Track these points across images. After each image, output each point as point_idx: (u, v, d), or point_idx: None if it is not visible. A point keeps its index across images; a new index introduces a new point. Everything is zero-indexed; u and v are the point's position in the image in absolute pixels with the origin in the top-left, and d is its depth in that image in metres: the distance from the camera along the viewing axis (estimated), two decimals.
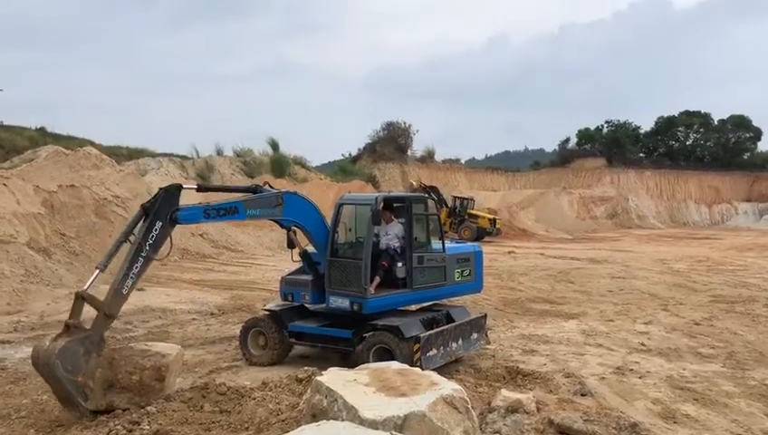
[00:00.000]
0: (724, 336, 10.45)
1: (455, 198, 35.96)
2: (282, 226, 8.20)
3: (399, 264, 8.19)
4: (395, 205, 8.55)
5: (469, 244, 9.63)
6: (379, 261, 8.12)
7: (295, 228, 8.23)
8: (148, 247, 6.57)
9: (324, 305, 8.29)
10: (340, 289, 7.98)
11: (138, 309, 11.57)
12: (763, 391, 7.54)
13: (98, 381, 6.09)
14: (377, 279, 8.03)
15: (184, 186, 7.17)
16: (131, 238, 6.58)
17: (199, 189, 7.92)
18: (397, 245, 8.32)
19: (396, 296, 8.18)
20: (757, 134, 66.69)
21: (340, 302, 7.98)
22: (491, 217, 35.98)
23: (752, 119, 66.73)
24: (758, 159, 66.79)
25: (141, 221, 6.65)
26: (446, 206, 34.68)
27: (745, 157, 66.69)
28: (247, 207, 7.46)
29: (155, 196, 6.84)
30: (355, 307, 7.81)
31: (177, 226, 7.08)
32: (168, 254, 7.06)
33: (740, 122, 66.28)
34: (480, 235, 33.24)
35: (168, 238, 6.83)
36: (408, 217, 8.25)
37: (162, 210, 6.71)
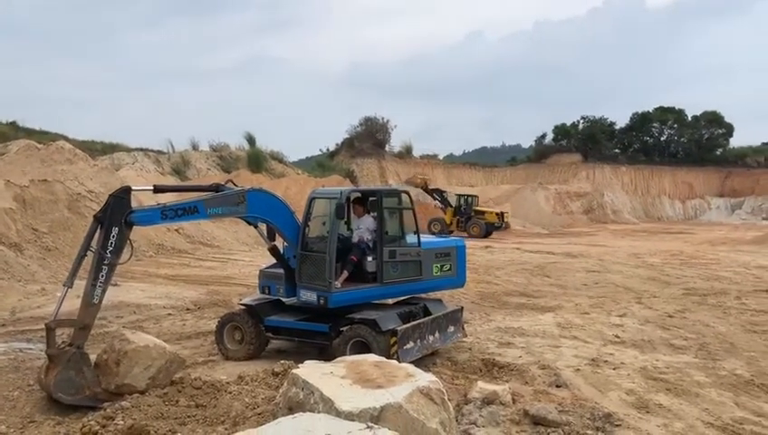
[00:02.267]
0: (697, 328, 10.61)
1: (458, 196, 35.90)
2: (249, 222, 8.19)
3: (370, 258, 8.12)
4: (370, 199, 8.53)
5: (451, 238, 9.56)
6: (348, 255, 8.10)
7: (262, 224, 8.21)
8: (109, 255, 6.68)
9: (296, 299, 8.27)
10: (309, 283, 7.96)
11: (112, 305, 11.41)
12: (733, 380, 7.67)
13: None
14: (345, 273, 7.97)
15: (134, 188, 7.24)
16: (92, 249, 6.70)
17: (156, 190, 7.93)
18: (368, 238, 8.27)
19: (364, 290, 8.08)
20: (729, 130, 67.76)
21: (309, 296, 7.95)
22: (498, 211, 36.14)
23: (724, 115, 67.86)
24: (730, 155, 67.84)
25: (98, 231, 6.75)
26: (451, 206, 34.86)
27: (718, 153, 67.71)
28: (207, 205, 7.44)
29: (105, 203, 6.91)
30: (321, 301, 7.77)
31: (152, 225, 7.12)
32: (130, 257, 7.12)
33: (713, 119, 67.26)
34: (489, 230, 33.51)
35: (129, 241, 6.92)
36: (380, 210, 8.18)
37: (115, 216, 6.78)
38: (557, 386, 7.20)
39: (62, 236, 17.10)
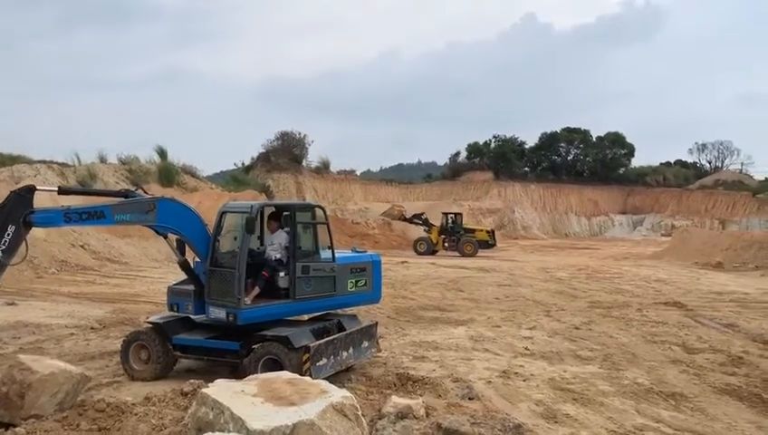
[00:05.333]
0: (601, 339, 11.04)
1: (444, 214, 35.87)
2: (158, 232, 7.97)
3: (282, 273, 7.99)
4: (284, 214, 8.43)
5: (367, 253, 9.42)
6: (260, 271, 7.95)
7: (171, 235, 7.99)
8: (1, 253, 6.43)
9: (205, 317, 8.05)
10: (217, 299, 7.75)
11: (8, 325, 10.81)
12: (634, 389, 8.02)
13: None
14: (256, 289, 7.84)
15: (38, 188, 6.98)
16: None
17: (60, 192, 7.66)
18: (280, 255, 8.14)
19: (275, 307, 7.92)
20: (631, 151, 71.37)
21: (218, 313, 7.73)
22: (488, 229, 36.57)
23: (625, 136, 71.43)
24: (632, 174, 71.44)
25: None
26: (432, 225, 34.90)
27: (621, 172, 71.12)
28: (115, 211, 7.25)
29: (6, 199, 6.63)
30: (230, 318, 7.58)
31: (56, 235, 6.84)
32: (25, 257, 6.88)
33: (615, 139, 70.65)
34: (480, 248, 33.42)
35: (24, 242, 6.68)
36: (293, 225, 8.07)
37: (14, 214, 6.53)
38: (469, 398, 7.31)
39: None
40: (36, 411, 5.97)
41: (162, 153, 38.42)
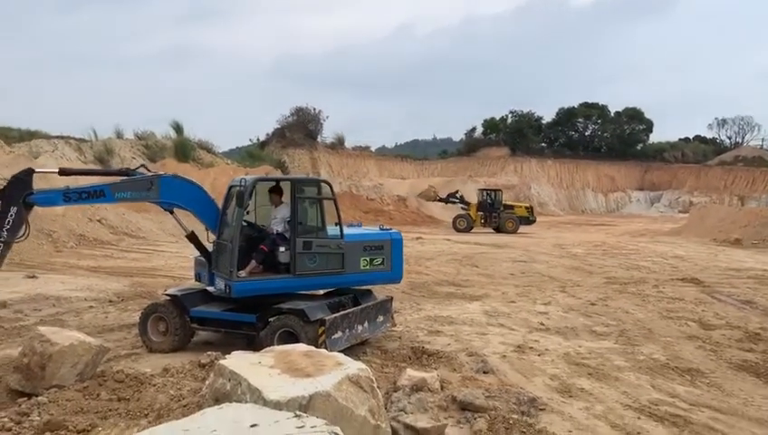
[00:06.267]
0: (617, 315, 11.01)
1: (481, 191, 35.89)
2: (164, 208, 8.06)
3: (282, 248, 7.95)
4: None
5: (384, 231, 9.09)
6: (259, 244, 7.98)
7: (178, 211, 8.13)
8: (5, 233, 6.80)
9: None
10: (219, 271, 7.93)
11: (29, 297, 10.97)
12: (650, 364, 8.01)
13: None
14: (253, 263, 7.86)
15: (37, 170, 7.30)
16: None
17: (61, 173, 7.91)
18: (282, 229, 8.13)
19: (272, 281, 7.90)
20: (649, 126, 70.59)
21: (220, 284, 7.90)
22: (526, 205, 36.73)
23: (644, 111, 70.58)
24: (650, 150, 70.71)
25: None
26: (469, 203, 35.04)
27: (639, 147, 70.43)
28: (115, 190, 7.44)
29: (7, 183, 7.01)
30: (227, 290, 7.71)
31: (75, 210, 7.11)
32: (26, 235, 7.16)
33: (634, 115, 69.89)
34: (520, 224, 33.52)
35: (26, 222, 7.01)
36: (292, 199, 7.98)
37: (14, 196, 6.88)
38: (484, 372, 7.33)
39: None
40: (57, 382, 6.10)
41: (178, 129, 38.59)
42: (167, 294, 8.68)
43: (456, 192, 37.50)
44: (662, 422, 6.01)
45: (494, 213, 33.64)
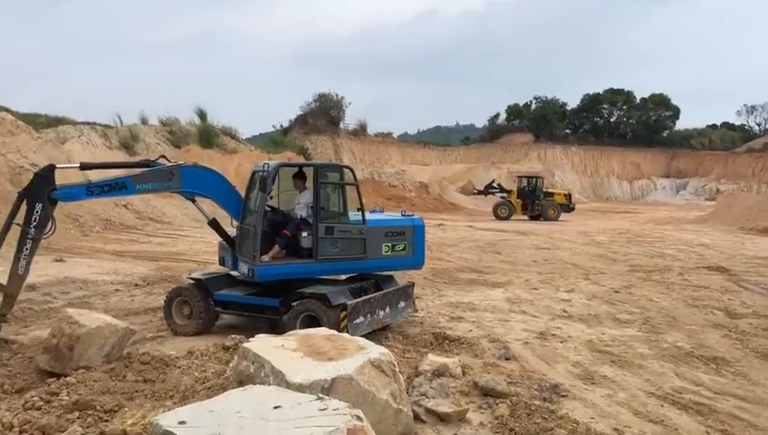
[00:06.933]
0: (641, 303, 10.92)
1: (520, 178, 35.88)
2: (185, 197, 8.18)
3: (305, 233, 7.98)
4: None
5: (406, 217, 9.07)
6: (282, 229, 8.04)
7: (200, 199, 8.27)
8: (33, 230, 6.95)
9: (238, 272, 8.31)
10: (244, 255, 8.01)
11: (57, 280, 11.17)
12: (674, 352, 7.93)
13: None
14: (276, 248, 7.91)
15: (58, 166, 7.39)
16: (17, 223, 6.99)
17: (82, 168, 8.05)
18: (305, 214, 8.17)
19: (294, 266, 7.96)
20: (676, 113, 69.57)
21: (244, 268, 7.98)
22: (565, 192, 36.70)
23: (671, 98, 69.52)
24: (676, 136, 69.70)
25: (24, 206, 7.03)
26: (507, 191, 35.21)
27: (665, 134, 69.49)
28: (136, 181, 7.55)
29: (30, 182, 7.17)
30: (250, 274, 7.78)
31: (92, 200, 7.28)
32: (53, 231, 7.27)
33: (660, 101, 68.90)
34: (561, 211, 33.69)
35: (52, 217, 7.15)
36: (315, 184, 7.97)
37: (38, 193, 7.03)
38: (506, 359, 7.32)
39: (4, 210, 16.47)
40: (85, 363, 6.22)
41: (202, 115, 38.83)
42: (191, 278, 8.78)
43: (493, 181, 37.82)
44: (686, 410, 5.96)
45: (536, 200, 33.49)
